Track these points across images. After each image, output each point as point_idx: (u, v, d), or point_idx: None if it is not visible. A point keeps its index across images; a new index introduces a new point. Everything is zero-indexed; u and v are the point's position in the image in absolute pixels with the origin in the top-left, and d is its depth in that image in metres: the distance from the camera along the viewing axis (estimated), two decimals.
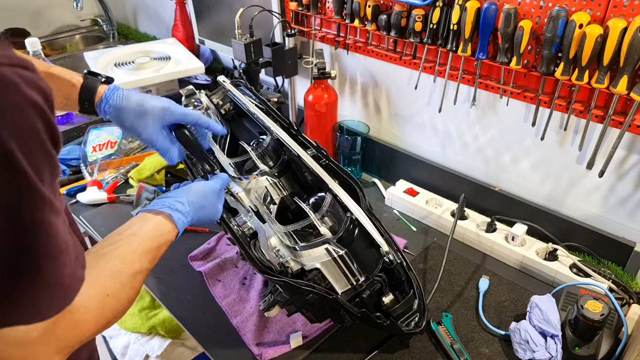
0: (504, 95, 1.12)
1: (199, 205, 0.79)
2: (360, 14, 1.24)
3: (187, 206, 0.76)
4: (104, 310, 0.58)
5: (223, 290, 1.07)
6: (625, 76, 0.88)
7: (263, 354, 0.92)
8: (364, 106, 1.48)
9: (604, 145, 1.01)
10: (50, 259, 0.46)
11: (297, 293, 0.81)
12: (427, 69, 1.22)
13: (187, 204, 0.77)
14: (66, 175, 1.43)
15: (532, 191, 1.20)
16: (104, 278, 0.60)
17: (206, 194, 0.81)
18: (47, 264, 0.46)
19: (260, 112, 1.03)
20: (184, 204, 0.76)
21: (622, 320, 0.88)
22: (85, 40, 2.50)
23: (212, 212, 0.83)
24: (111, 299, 0.60)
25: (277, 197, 0.97)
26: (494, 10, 1.00)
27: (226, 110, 1.14)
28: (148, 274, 0.69)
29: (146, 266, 0.67)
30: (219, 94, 1.15)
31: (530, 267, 1.09)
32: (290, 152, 0.96)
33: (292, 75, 1.50)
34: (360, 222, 0.84)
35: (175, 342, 1.48)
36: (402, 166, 1.40)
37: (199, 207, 0.79)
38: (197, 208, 0.78)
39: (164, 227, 0.72)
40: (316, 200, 0.92)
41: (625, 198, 1.05)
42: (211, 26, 1.73)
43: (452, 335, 0.94)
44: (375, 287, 0.85)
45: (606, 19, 0.89)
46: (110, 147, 1.51)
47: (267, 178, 0.97)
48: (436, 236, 1.23)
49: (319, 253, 0.81)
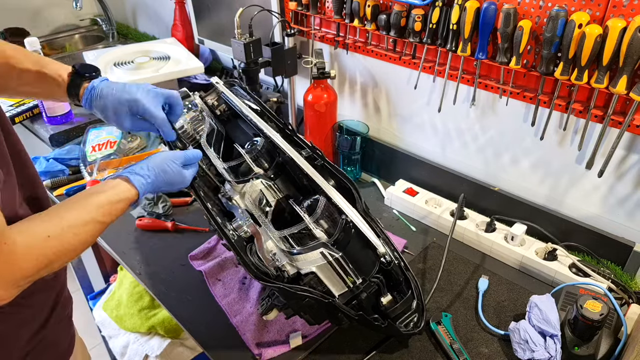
0: (504, 95, 1.12)
1: (160, 168, 0.83)
2: (360, 13, 1.24)
3: (147, 170, 0.82)
4: (45, 250, 0.64)
5: (223, 289, 1.07)
6: (624, 76, 0.88)
7: (262, 354, 0.92)
8: (364, 106, 1.48)
9: (604, 145, 1.01)
10: None
11: (293, 298, 0.81)
12: (426, 68, 1.22)
13: (146, 168, 0.82)
14: (66, 175, 1.43)
15: (531, 191, 1.20)
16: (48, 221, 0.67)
17: (166, 159, 0.85)
18: None
19: (252, 113, 1.02)
20: (143, 168, 0.82)
21: (622, 320, 0.88)
22: (84, 39, 2.50)
23: (177, 178, 0.86)
24: (53, 239, 0.65)
25: (273, 199, 0.96)
26: (493, 10, 1.00)
27: (221, 111, 1.13)
28: (102, 227, 0.74)
29: (97, 218, 0.72)
30: (213, 95, 1.14)
31: (529, 267, 1.09)
32: (284, 154, 0.96)
33: (291, 75, 1.50)
34: (355, 224, 0.84)
35: (175, 342, 1.48)
36: (402, 166, 1.40)
37: (160, 171, 0.83)
38: (159, 172, 0.83)
39: (120, 186, 0.78)
40: (311, 203, 0.91)
41: (625, 198, 1.05)
42: (211, 26, 1.73)
43: (452, 335, 0.94)
44: (373, 288, 0.85)
45: (605, 19, 0.89)
46: (109, 147, 1.51)
47: (261, 181, 0.97)
48: (436, 236, 1.23)
49: (314, 257, 0.81)
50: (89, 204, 0.73)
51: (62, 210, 0.70)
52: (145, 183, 0.81)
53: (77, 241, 0.69)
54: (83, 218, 0.70)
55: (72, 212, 0.70)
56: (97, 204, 0.73)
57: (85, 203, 0.73)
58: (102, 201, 0.74)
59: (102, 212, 0.73)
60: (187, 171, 0.88)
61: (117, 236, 1.23)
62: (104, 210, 0.73)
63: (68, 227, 0.68)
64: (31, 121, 1.67)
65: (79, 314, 0.77)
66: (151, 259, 1.16)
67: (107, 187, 0.77)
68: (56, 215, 0.68)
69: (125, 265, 1.16)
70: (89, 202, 0.73)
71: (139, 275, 1.12)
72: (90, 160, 1.45)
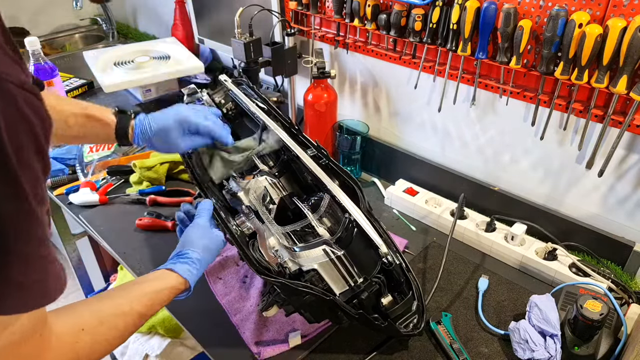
0: (504, 94, 1.12)
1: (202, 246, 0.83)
2: (360, 13, 1.24)
3: (190, 257, 0.81)
4: (76, 345, 0.58)
5: (224, 288, 1.07)
6: (624, 76, 0.88)
7: (261, 353, 0.92)
8: (364, 105, 1.48)
9: (604, 145, 1.01)
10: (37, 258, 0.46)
11: (294, 294, 0.81)
12: (426, 68, 1.22)
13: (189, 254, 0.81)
14: (65, 175, 1.43)
15: (531, 191, 1.20)
16: (84, 312, 0.62)
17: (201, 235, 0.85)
18: None
19: (260, 111, 1.03)
20: (183, 255, 0.81)
21: (622, 320, 0.88)
22: (84, 39, 2.50)
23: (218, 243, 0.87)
24: (86, 334, 0.60)
25: (277, 197, 0.97)
26: (493, 9, 1.00)
27: (228, 110, 1.14)
28: (142, 319, 0.70)
29: (138, 309, 0.68)
30: (220, 93, 1.15)
31: (529, 266, 1.09)
32: (289, 152, 0.96)
33: (291, 74, 1.50)
34: (358, 223, 0.84)
35: (175, 341, 1.48)
36: (402, 166, 1.40)
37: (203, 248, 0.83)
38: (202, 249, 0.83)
39: (166, 275, 0.76)
40: (315, 201, 0.91)
41: (625, 198, 1.05)
42: (211, 25, 1.73)
43: (452, 334, 0.94)
44: (374, 288, 0.85)
45: (606, 19, 0.89)
46: (107, 149, 1.51)
47: (266, 178, 0.97)
48: (436, 236, 1.23)
49: (316, 254, 0.81)
50: (131, 292, 0.69)
51: (102, 300, 0.66)
52: (192, 267, 0.79)
53: (111, 336, 0.64)
54: (122, 309, 0.66)
55: (111, 301, 0.66)
56: (140, 293, 0.70)
57: (127, 292, 0.69)
58: (145, 290, 0.71)
59: (144, 302, 0.70)
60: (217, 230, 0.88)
61: (117, 236, 1.23)
62: (146, 300, 0.70)
63: (105, 318, 0.63)
64: None
65: None
66: (151, 259, 1.16)
67: (152, 276, 0.75)
68: (96, 303, 0.65)
69: (125, 265, 1.16)
70: (132, 291, 0.70)
71: (139, 275, 1.12)
72: (87, 161, 1.45)
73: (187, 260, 0.80)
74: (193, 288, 0.80)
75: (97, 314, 0.63)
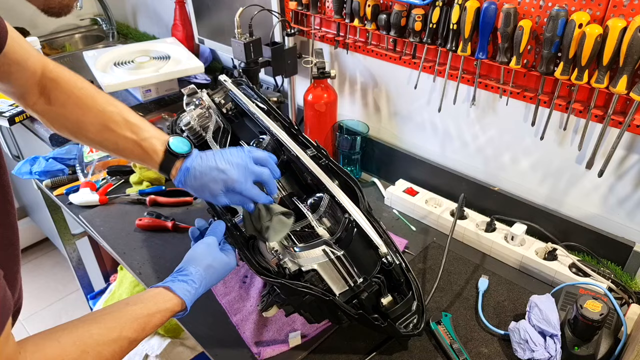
0: (504, 94, 1.12)
1: (204, 265, 0.79)
2: (360, 13, 1.24)
3: (189, 275, 0.77)
4: None
5: (224, 288, 1.07)
6: (624, 76, 0.88)
7: (261, 353, 0.92)
8: (364, 106, 1.48)
9: (604, 145, 1.01)
10: None
11: (294, 294, 0.81)
12: (426, 68, 1.22)
13: (189, 272, 0.77)
14: (65, 175, 1.43)
15: (531, 191, 1.20)
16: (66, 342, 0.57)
17: (205, 253, 0.81)
18: None
19: (260, 112, 1.03)
20: (183, 272, 0.77)
21: (622, 320, 0.88)
22: (84, 39, 2.50)
23: (223, 264, 0.82)
24: None
25: (276, 197, 0.97)
26: (493, 9, 1.00)
27: (227, 110, 1.14)
28: (132, 344, 0.65)
29: (127, 335, 0.64)
30: (220, 93, 1.15)
31: (529, 266, 1.09)
32: (289, 153, 0.96)
33: (291, 74, 1.50)
34: (358, 223, 0.84)
35: (175, 341, 1.48)
36: (402, 166, 1.40)
37: (205, 267, 0.79)
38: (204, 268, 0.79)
39: (161, 295, 0.72)
40: (314, 201, 0.91)
41: (625, 198, 1.05)
42: (211, 25, 1.73)
43: (452, 334, 0.94)
44: (373, 288, 0.85)
45: (606, 19, 0.89)
46: None
47: None
48: (436, 236, 1.23)
49: (316, 254, 0.81)
50: (121, 316, 0.65)
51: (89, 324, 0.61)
52: (189, 287, 0.74)
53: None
54: (110, 336, 0.61)
55: (99, 325, 0.61)
56: (132, 317, 0.65)
57: (117, 315, 0.64)
58: (137, 314, 0.66)
59: (135, 328, 0.65)
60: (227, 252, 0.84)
61: (117, 236, 1.23)
62: (136, 325, 0.65)
63: (90, 347, 0.58)
64: (31, 120, 1.67)
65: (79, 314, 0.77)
66: (151, 259, 1.16)
67: (147, 296, 0.70)
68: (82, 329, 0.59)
69: (125, 265, 1.16)
70: (123, 314, 0.65)
71: (139, 275, 1.12)
72: (87, 161, 1.45)
73: (186, 279, 0.76)
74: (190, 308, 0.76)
75: (81, 342, 0.58)
